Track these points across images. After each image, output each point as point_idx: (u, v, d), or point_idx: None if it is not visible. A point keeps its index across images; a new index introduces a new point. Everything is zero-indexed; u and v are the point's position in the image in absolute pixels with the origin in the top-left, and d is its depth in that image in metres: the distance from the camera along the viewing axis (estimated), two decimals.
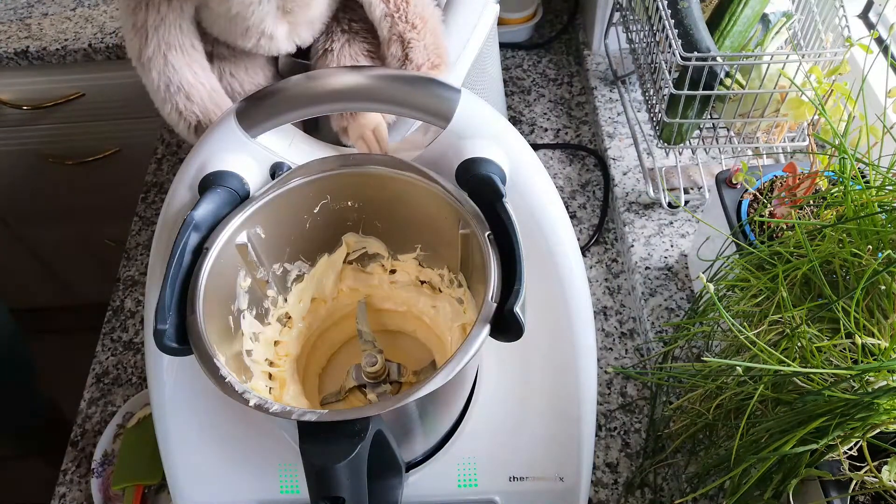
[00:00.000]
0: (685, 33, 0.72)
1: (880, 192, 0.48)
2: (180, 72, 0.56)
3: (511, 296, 0.41)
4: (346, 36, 0.59)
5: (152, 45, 0.55)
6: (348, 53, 0.59)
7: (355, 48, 0.59)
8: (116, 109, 1.22)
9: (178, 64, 0.55)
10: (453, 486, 0.57)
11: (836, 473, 0.45)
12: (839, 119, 0.59)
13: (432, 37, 0.56)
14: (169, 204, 0.52)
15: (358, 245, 0.57)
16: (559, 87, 1.05)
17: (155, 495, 0.71)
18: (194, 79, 0.56)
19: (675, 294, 0.76)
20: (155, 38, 0.55)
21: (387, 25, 0.56)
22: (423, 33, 0.56)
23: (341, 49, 0.58)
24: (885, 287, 0.45)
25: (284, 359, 0.55)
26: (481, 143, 0.49)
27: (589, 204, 0.90)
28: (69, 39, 1.12)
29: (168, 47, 0.55)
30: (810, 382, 0.44)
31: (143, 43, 0.55)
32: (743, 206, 0.64)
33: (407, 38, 0.55)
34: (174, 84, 0.56)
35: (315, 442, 0.39)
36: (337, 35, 0.59)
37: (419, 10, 0.55)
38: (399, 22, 0.55)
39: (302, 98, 0.50)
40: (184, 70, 0.56)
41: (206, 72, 0.58)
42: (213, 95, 0.57)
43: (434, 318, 0.58)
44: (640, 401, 0.72)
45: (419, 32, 0.56)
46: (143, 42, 0.55)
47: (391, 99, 0.50)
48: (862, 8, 0.87)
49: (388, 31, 0.56)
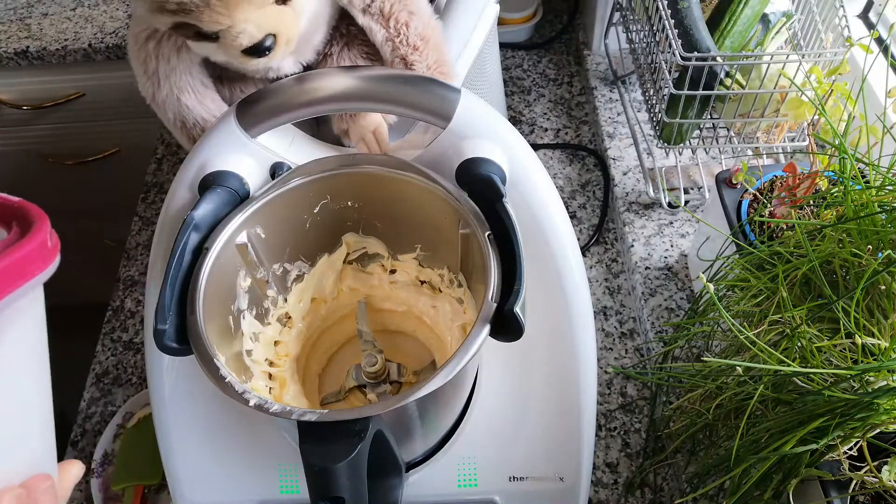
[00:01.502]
0: (685, 33, 0.72)
1: (880, 192, 0.48)
2: (194, 110, 0.58)
3: (511, 296, 0.41)
4: (344, 40, 0.59)
5: (164, 90, 0.57)
6: (347, 57, 0.59)
7: (354, 51, 0.59)
8: (116, 109, 1.22)
9: (191, 104, 0.58)
10: (453, 486, 0.57)
11: (836, 473, 0.45)
12: (839, 119, 0.59)
13: (435, 54, 0.57)
14: (169, 204, 0.52)
15: (358, 245, 0.57)
16: (559, 87, 1.05)
17: (155, 495, 0.71)
18: (208, 114, 0.59)
19: (675, 294, 0.76)
20: (167, 84, 0.57)
21: (388, 49, 0.56)
22: (426, 53, 0.56)
23: (340, 52, 0.59)
24: (885, 287, 0.45)
25: (284, 359, 0.55)
26: (481, 143, 0.49)
27: (589, 204, 0.90)
28: (69, 39, 1.12)
29: (180, 91, 0.57)
30: (810, 382, 0.44)
31: (155, 88, 0.57)
32: (743, 206, 0.64)
33: (410, 61, 0.56)
34: (189, 121, 0.58)
35: (315, 442, 0.39)
36: (336, 39, 0.59)
37: (420, 30, 0.56)
38: (401, 46, 0.55)
39: (302, 98, 0.50)
40: (197, 108, 0.58)
41: (217, 103, 0.60)
42: None
43: (434, 318, 0.58)
44: (640, 401, 0.72)
45: (421, 53, 0.56)
46: (155, 88, 0.57)
47: (391, 99, 0.50)
48: (862, 8, 0.87)
49: (390, 54, 0.56)
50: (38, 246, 0.25)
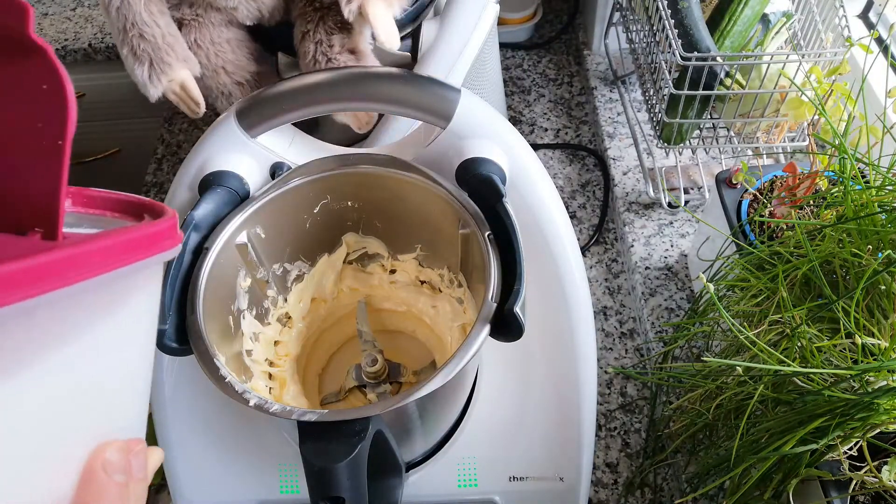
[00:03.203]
0: (685, 33, 0.72)
1: (880, 192, 0.48)
2: (135, 7, 0.56)
3: (511, 296, 0.41)
4: (318, 14, 0.59)
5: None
6: (323, 29, 0.59)
7: (329, 22, 0.59)
8: (116, 109, 1.22)
9: (133, 1, 0.56)
10: (453, 486, 0.57)
11: (836, 473, 0.45)
12: (839, 119, 0.59)
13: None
14: (169, 204, 0.52)
15: (358, 245, 0.57)
16: (559, 87, 1.05)
17: (155, 495, 0.71)
18: (149, 18, 0.57)
19: (675, 294, 0.76)
20: None
21: None
22: None
23: (316, 27, 0.59)
24: (885, 287, 0.45)
25: (284, 359, 0.55)
26: (481, 143, 0.49)
27: (589, 204, 0.90)
28: (69, 39, 1.12)
29: None
30: (810, 382, 0.44)
31: None
32: (743, 206, 0.64)
33: None
34: (129, 21, 0.56)
35: (315, 442, 0.39)
36: (310, 16, 0.59)
37: None
38: None
39: (302, 98, 0.50)
40: (139, 8, 0.56)
41: (164, 16, 0.58)
42: (168, 38, 0.58)
43: (434, 318, 0.58)
44: (640, 401, 0.72)
45: None
46: None
47: (391, 99, 0.50)
48: (862, 8, 0.87)
49: None
50: (168, 227, 0.27)
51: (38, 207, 0.25)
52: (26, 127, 0.25)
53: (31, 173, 0.25)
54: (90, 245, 0.23)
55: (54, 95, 0.24)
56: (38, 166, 0.25)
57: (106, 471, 0.26)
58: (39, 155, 0.25)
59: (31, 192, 0.25)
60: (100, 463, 0.25)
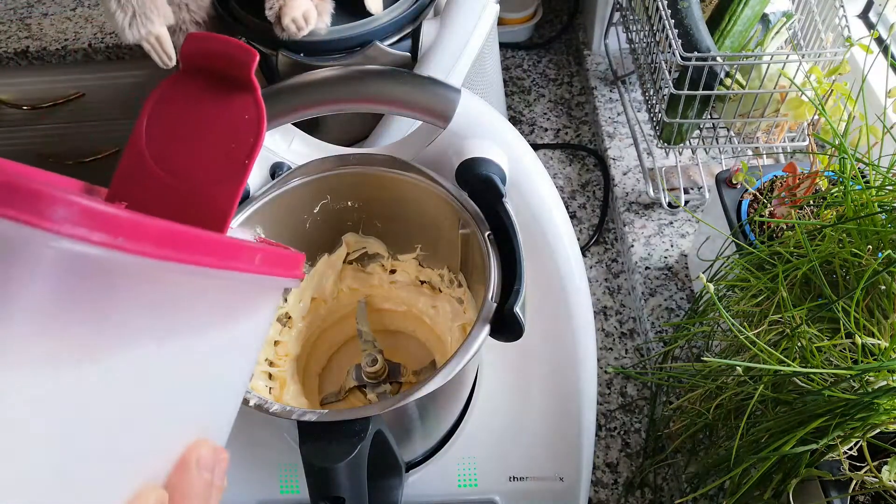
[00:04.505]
0: (685, 33, 0.72)
1: (880, 192, 0.48)
2: None
3: (511, 296, 0.41)
4: None
5: None
6: None
7: None
8: (116, 109, 1.22)
9: None
10: (453, 486, 0.57)
11: (836, 473, 0.45)
12: (839, 119, 0.59)
13: None
14: None
15: (358, 245, 0.57)
16: (559, 87, 1.05)
17: None
18: None
19: (675, 294, 0.76)
20: None
21: None
22: None
23: None
24: (885, 287, 0.45)
25: (284, 359, 0.55)
26: (481, 143, 0.49)
27: (589, 204, 0.90)
28: (69, 39, 1.12)
29: None
30: (810, 382, 0.44)
31: None
32: (743, 206, 0.64)
33: None
34: None
35: (315, 442, 0.39)
36: None
37: None
38: None
39: (302, 98, 0.50)
40: None
41: None
42: None
43: (434, 318, 0.58)
44: (640, 401, 0.72)
45: None
46: None
47: (391, 99, 0.50)
48: (862, 8, 0.87)
49: None
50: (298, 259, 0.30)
51: (216, 210, 0.28)
52: (222, 146, 0.29)
53: (216, 184, 0.29)
54: (256, 245, 0.26)
55: (253, 125, 0.29)
56: (223, 178, 0.29)
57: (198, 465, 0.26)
58: (227, 170, 0.29)
59: (214, 198, 0.29)
60: (194, 456, 0.26)
